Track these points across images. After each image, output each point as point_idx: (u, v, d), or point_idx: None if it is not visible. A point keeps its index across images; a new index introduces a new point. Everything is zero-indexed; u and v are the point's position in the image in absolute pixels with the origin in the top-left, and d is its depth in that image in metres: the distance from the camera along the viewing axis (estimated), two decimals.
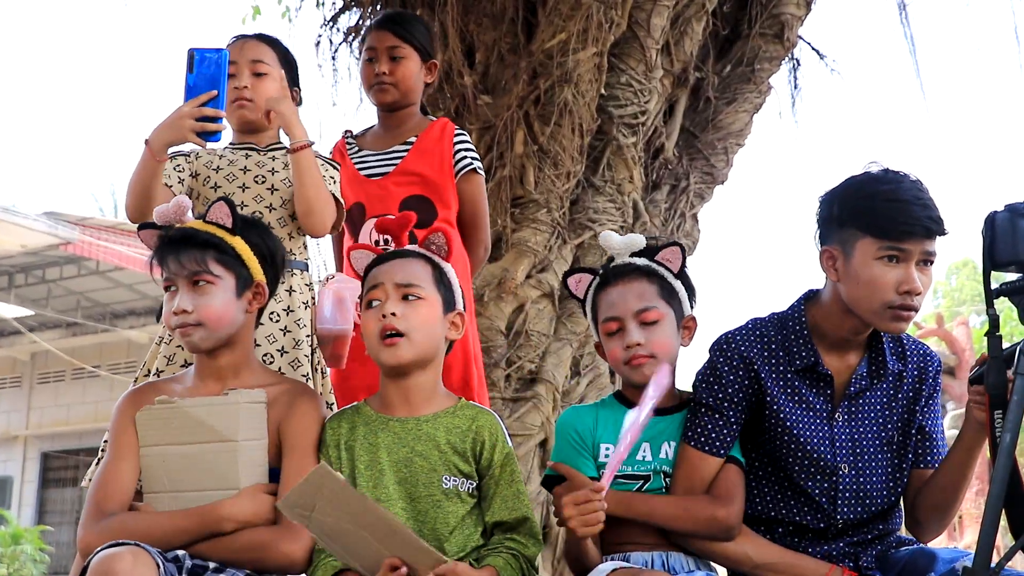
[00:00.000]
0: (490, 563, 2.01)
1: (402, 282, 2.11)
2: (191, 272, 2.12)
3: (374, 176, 2.95)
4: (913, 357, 2.27)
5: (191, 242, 2.14)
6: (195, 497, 2.05)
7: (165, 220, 2.20)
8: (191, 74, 2.36)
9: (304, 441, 2.13)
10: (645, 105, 4.37)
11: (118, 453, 2.10)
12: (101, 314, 14.78)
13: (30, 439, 15.95)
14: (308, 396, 2.20)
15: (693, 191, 4.69)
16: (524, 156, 4.14)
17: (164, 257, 2.14)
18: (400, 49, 2.98)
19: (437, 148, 3.00)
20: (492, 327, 4.04)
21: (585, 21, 4.09)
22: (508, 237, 4.16)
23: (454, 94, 4.32)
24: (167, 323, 2.15)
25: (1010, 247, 1.86)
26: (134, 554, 1.80)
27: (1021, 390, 1.78)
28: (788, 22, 4.76)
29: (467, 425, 2.12)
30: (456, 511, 2.07)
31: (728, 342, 2.25)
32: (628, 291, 2.21)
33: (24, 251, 12.62)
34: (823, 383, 2.21)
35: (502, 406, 3.95)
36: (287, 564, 2.05)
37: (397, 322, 2.07)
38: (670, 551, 2.15)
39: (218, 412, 2.09)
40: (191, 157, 2.63)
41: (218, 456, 2.07)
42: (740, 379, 2.21)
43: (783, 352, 2.22)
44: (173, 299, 2.13)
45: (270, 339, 2.50)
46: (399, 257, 2.17)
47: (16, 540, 12.29)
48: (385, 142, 3.03)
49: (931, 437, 2.26)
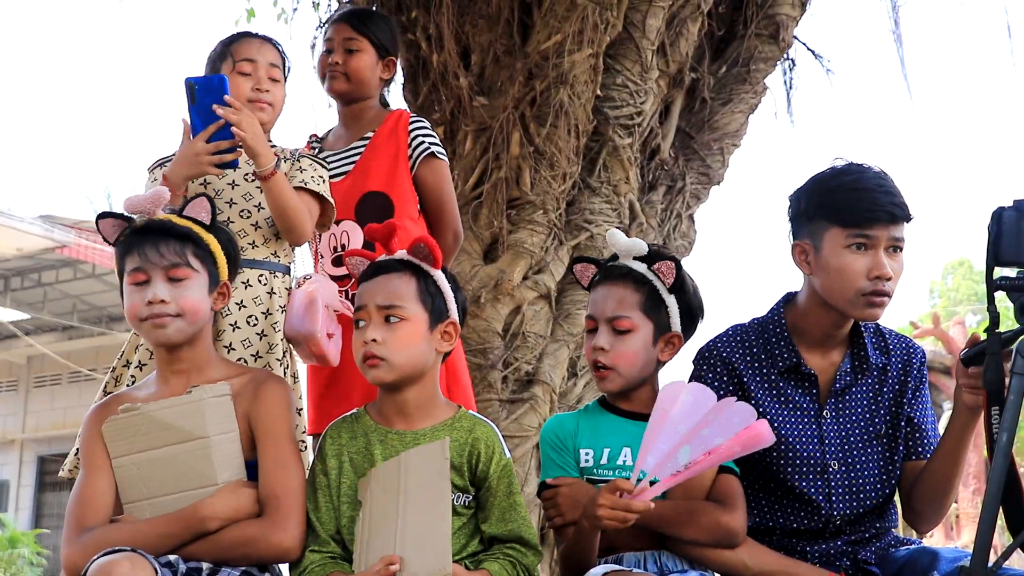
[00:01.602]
0: (486, 567, 2.02)
1: (384, 304, 2.10)
2: (170, 263, 2.10)
3: (335, 178, 2.91)
4: (896, 350, 2.29)
5: (170, 233, 2.12)
6: (175, 500, 2.03)
7: (138, 210, 2.16)
8: (194, 105, 2.35)
9: (276, 427, 2.11)
10: (641, 106, 4.37)
11: (91, 467, 2.08)
12: (97, 317, 14.77)
13: (26, 443, 15.92)
14: (273, 382, 2.18)
15: (689, 192, 4.69)
16: (520, 158, 4.14)
17: (138, 246, 2.10)
18: (355, 42, 2.99)
19: (392, 140, 2.98)
20: (489, 329, 4.04)
21: (580, 22, 4.09)
22: (504, 238, 4.15)
23: (450, 96, 4.32)
24: (135, 314, 2.10)
25: (1015, 245, 1.86)
26: (131, 560, 1.79)
27: (1018, 389, 1.78)
28: (783, 23, 4.76)
29: (464, 438, 2.11)
30: (453, 524, 2.06)
31: (710, 349, 2.28)
32: (611, 294, 2.22)
33: (20, 254, 12.61)
34: (808, 382, 2.23)
35: (499, 408, 3.94)
36: (280, 554, 2.04)
37: (377, 348, 2.08)
38: (662, 551, 2.15)
39: (184, 411, 2.06)
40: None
41: (192, 455, 2.05)
42: (725, 385, 2.23)
43: (765, 355, 2.24)
44: (144, 290, 2.09)
45: (245, 343, 2.48)
46: (384, 272, 2.15)
47: (13, 544, 12.28)
48: (345, 140, 3.03)
49: (920, 428, 2.27)
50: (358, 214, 2.90)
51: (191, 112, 2.36)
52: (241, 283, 2.49)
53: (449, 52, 4.26)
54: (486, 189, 4.16)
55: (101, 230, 2.18)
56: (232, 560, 2.00)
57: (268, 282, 2.54)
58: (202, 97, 2.32)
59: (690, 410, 2.01)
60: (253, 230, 2.56)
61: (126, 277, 2.12)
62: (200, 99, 2.32)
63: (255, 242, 2.55)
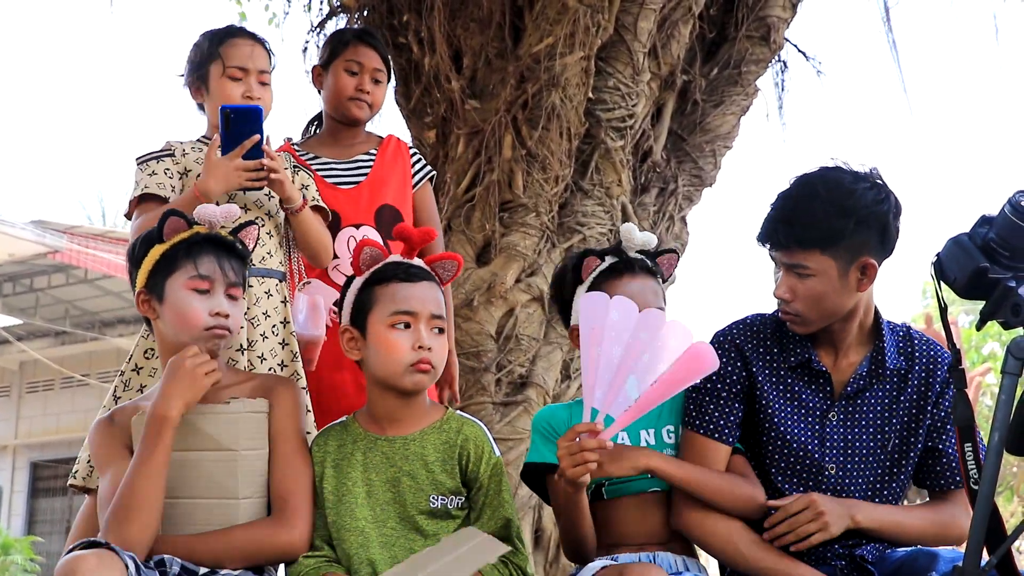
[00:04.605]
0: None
1: (436, 313, 2.13)
2: (232, 282, 2.13)
3: (343, 185, 2.96)
4: (922, 357, 2.24)
5: (233, 252, 2.17)
6: (191, 505, 2.03)
7: (207, 220, 2.19)
8: (227, 130, 2.44)
9: (286, 428, 2.12)
10: (632, 108, 4.37)
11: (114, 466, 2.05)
12: (90, 323, 14.73)
13: (19, 449, 15.87)
14: (282, 384, 2.19)
15: (681, 194, 4.70)
16: (512, 160, 4.14)
17: (207, 255, 2.12)
18: (382, 73, 3.03)
19: (398, 161, 3.06)
20: (482, 331, 4.04)
21: (572, 25, 4.09)
22: (497, 241, 4.16)
23: (442, 99, 4.32)
24: (199, 321, 2.09)
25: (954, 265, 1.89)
26: (99, 556, 1.76)
27: (1008, 389, 1.79)
28: (774, 24, 4.77)
29: (453, 439, 2.12)
30: (446, 527, 2.08)
31: (725, 335, 2.29)
32: (646, 287, 2.29)
33: (12, 260, 12.57)
34: (819, 381, 2.21)
35: (492, 410, 3.94)
36: (289, 553, 2.05)
37: (432, 356, 2.10)
38: (658, 551, 2.17)
39: (219, 421, 2.06)
40: (177, 156, 2.59)
41: (217, 465, 2.05)
42: (737, 370, 2.23)
43: (778, 348, 2.23)
44: (208, 299, 2.10)
45: (272, 353, 2.51)
46: (426, 280, 2.16)
47: (6, 550, 12.23)
48: (344, 152, 3.05)
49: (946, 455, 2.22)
50: (377, 223, 2.93)
51: (223, 135, 2.45)
52: (264, 293, 2.52)
53: (441, 55, 4.27)
54: (478, 192, 4.17)
55: (168, 225, 2.15)
56: (241, 561, 2.00)
57: (281, 291, 2.58)
58: (236, 124, 2.44)
59: (620, 327, 2.01)
60: (268, 238, 2.57)
61: (186, 280, 2.10)
62: (234, 126, 2.44)
63: (271, 251, 2.57)
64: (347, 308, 2.18)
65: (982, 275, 1.84)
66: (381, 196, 2.97)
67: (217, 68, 2.58)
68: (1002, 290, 1.82)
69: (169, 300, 2.11)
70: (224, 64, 2.58)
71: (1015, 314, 1.81)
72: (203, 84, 2.62)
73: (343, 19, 4.70)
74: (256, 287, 2.52)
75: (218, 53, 2.60)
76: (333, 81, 3.01)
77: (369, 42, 3.03)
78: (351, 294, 2.18)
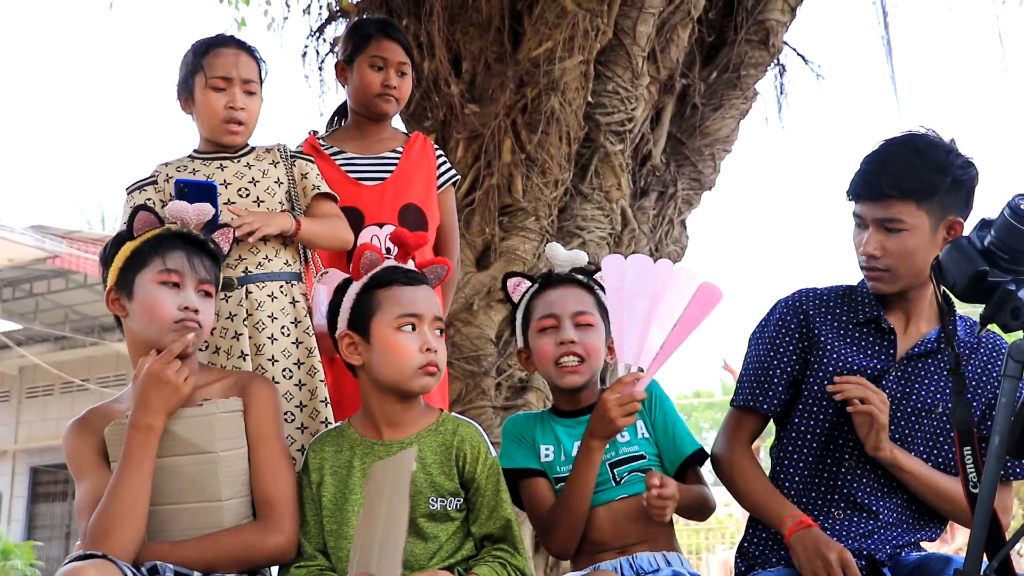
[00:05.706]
0: (476, 571, 2.02)
1: (439, 316, 2.15)
2: (203, 278, 2.13)
3: (367, 181, 2.93)
4: (987, 342, 2.30)
5: (204, 250, 2.17)
6: (175, 511, 2.01)
7: (179, 218, 2.19)
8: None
9: (266, 429, 2.10)
10: (632, 112, 4.38)
11: (91, 473, 2.04)
12: (89, 327, 14.71)
13: (19, 454, 15.85)
14: (259, 383, 2.17)
15: (681, 197, 4.70)
16: (512, 165, 4.14)
17: (176, 250, 2.12)
18: (407, 66, 3.00)
19: (424, 160, 3.02)
20: (482, 336, 4.04)
21: (571, 29, 4.10)
22: (497, 246, 4.16)
23: (441, 103, 4.32)
24: (168, 314, 2.07)
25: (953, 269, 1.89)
26: (97, 567, 1.76)
27: (1008, 391, 1.79)
28: (773, 28, 4.78)
29: (449, 441, 2.12)
30: (446, 529, 2.08)
31: (787, 301, 2.35)
32: (568, 295, 2.34)
33: (11, 265, 12.56)
34: (887, 339, 2.26)
35: (492, 414, 3.95)
36: (277, 557, 2.05)
37: (438, 358, 2.12)
38: (637, 552, 2.21)
39: (194, 424, 2.04)
40: (160, 183, 2.56)
41: (196, 469, 2.03)
42: (791, 332, 2.28)
43: (845, 307, 2.30)
44: (177, 293, 2.09)
45: (285, 353, 2.50)
46: (425, 283, 2.18)
47: (6, 555, 12.22)
48: (370, 148, 3.01)
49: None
50: (401, 221, 2.91)
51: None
52: (267, 296, 2.51)
53: (440, 60, 4.27)
54: (478, 196, 4.17)
55: (137, 220, 2.16)
56: (229, 567, 1.99)
57: (288, 292, 2.56)
58: (190, 198, 2.35)
59: (640, 281, 2.21)
60: (263, 243, 2.56)
61: (155, 274, 2.09)
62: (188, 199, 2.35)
63: (268, 256, 2.56)
64: (344, 313, 2.17)
65: (982, 278, 1.84)
66: (405, 195, 2.94)
67: (200, 79, 2.56)
68: (1002, 293, 1.82)
69: (138, 296, 2.09)
70: (206, 75, 2.56)
71: (1015, 317, 1.81)
72: (190, 96, 2.61)
73: (342, 23, 4.71)
74: (256, 292, 2.51)
75: (201, 65, 2.57)
76: (358, 77, 2.98)
77: (392, 35, 3.01)
78: (348, 299, 2.17)
